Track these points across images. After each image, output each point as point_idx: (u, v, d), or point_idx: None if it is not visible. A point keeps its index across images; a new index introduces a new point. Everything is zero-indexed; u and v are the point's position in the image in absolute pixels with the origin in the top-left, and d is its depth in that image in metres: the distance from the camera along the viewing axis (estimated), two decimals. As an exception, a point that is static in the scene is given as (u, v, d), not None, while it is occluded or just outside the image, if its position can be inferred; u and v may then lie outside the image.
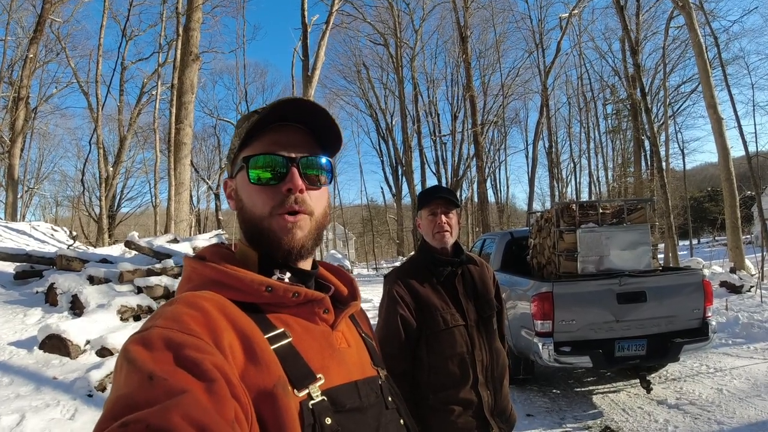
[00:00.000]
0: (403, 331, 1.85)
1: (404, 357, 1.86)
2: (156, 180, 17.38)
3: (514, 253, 6.12)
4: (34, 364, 4.92)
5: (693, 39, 12.86)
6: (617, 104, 29.17)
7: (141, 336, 0.61)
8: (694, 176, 42.64)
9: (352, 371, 0.77)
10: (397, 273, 2.00)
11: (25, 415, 3.88)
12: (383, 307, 1.94)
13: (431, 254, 1.98)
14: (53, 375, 4.70)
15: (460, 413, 1.84)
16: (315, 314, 0.78)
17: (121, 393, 0.53)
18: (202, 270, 0.76)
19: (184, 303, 0.67)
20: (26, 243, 10.54)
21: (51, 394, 4.35)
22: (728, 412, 4.28)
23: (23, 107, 17.46)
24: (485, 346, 1.92)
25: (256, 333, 0.68)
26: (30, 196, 29.11)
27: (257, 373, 0.64)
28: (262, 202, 0.78)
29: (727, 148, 12.23)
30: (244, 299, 0.73)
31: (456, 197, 1.97)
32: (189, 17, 11.95)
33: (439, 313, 1.88)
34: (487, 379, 1.90)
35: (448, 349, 1.86)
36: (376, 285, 16.65)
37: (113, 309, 5.72)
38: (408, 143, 27.32)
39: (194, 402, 0.52)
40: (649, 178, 22.17)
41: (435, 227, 1.93)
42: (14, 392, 4.31)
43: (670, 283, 4.71)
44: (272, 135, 0.80)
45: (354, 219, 50.20)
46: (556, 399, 5.01)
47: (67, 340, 5.03)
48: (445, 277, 1.96)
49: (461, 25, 21.92)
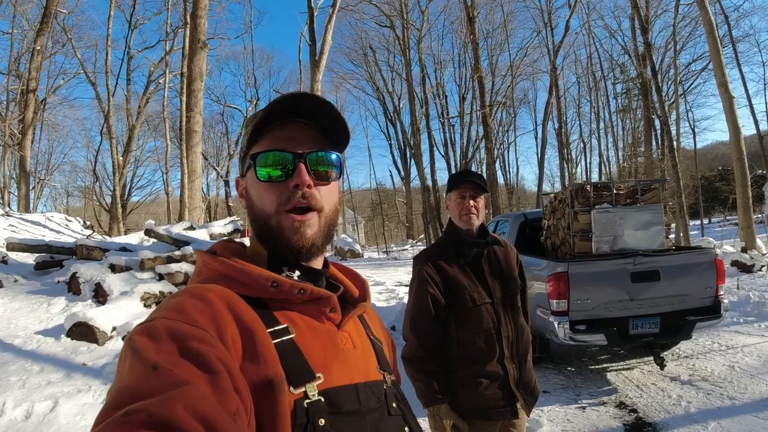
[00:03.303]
0: (433, 309, 1.94)
1: (435, 333, 1.96)
2: (167, 168, 17.51)
3: (527, 234, 6.17)
4: (62, 351, 5.06)
5: (703, 16, 12.67)
6: (627, 83, 28.84)
7: (146, 326, 0.61)
8: (704, 155, 42.23)
9: (354, 373, 0.76)
10: (426, 254, 2.09)
11: (58, 401, 3.99)
12: (413, 286, 2.03)
13: (458, 236, 2.06)
14: (82, 361, 4.83)
15: (488, 386, 1.94)
16: (321, 313, 0.78)
17: (125, 383, 0.54)
18: (211, 264, 0.77)
19: (190, 294, 0.68)
20: (42, 234, 10.68)
21: (82, 380, 4.47)
22: (740, 388, 4.35)
23: (32, 99, 17.57)
24: (510, 323, 2.00)
25: (258, 327, 0.68)
26: (41, 187, 29.36)
27: (255, 367, 0.64)
28: (270, 199, 0.78)
29: (738, 126, 12.11)
30: (251, 294, 0.73)
31: (484, 182, 2.04)
32: (196, 4, 11.89)
33: (467, 291, 1.96)
34: (512, 353, 1.99)
35: (476, 325, 1.95)
36: (387, 268, 16.75)
37: (136, 296, 5.86)
38: (416, 126, 27.16)
39: (198, 393, 0.52)
40: (659, 158, 21.98)
41: (462, 210, 2.01)
42: (45, 379, 4.41)
43: (683, 262, 4.75)
44: (279, 132, 0.79)
45: (363, 203, 50.26)
46: (571, 376, 5.11)
47: (95, 327, 5.17)
48: (472, 257, 2.04)
49: (468, 6, 21.60)
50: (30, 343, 5.19)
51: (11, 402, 3.93)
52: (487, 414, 1.94)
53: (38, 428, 3.69)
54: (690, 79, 27.08)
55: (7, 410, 3.83)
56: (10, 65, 20.91)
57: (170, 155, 17.44)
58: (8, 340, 5.22)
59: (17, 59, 21.40)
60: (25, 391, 4.15)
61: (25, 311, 6.07)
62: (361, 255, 24.30)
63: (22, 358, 4.83)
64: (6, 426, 3.67)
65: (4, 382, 4.28)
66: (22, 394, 4.09)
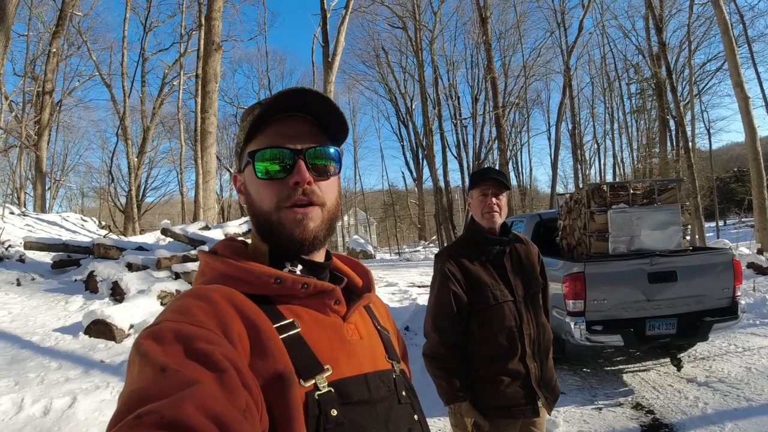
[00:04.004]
0: (455, 306, 1.95)
1: (456, 330, 1.96)
2: (182, 169, 17.66)
3: (542, 234, 6.15)
4: (80, 348, 5.09)
5: (718, 16, 12.52)
6: (641, 83, 28.53)
7: (152, 330, 0.62)
8: (720, 156, 41.58)
9: (362, 363, 0.76)
10: (447, 251, 2.09)
11: (77, 398, 4.00)
12: (435, 284, 2.03)
13: (480, 233, 2.06)
14: (100, 358, 4.86)
15: (509, 383, 1.94)
16: (326, 305, 0.78)
17: (135, 386, 0.54)
18: (214, 264, 0.78)
19: (194, 296, 0.68)
20: (58, 233, 10.80)
21: (100, 376, 4.49)
22: (757, 389, 4.31)
23: (48, 101, 17.82)
24: (532, 321, 2.00)
25: (264, 323, 0.69)
26: (56, 188, 29.69)
27: (264, 363, 0.65)
28: (270, 197, 0.77)
29: (754, 127, 11.96)
30: (255, 291, 0.74)
31: (507, 179, 2.04)
32: (210, 6, 12.01)
33: (489, 289, 1.97)
34: (534, 351, 1.99)
35: (498, 323, 1.95)
36: (399, 269, 16.77)
37: (153, 294, 5.91)
38: (428, 127, 27.09)
39: (207, 392, 0.52)
40: (674, 159, 21.76)
41: (485, 207, 2.01)
42: (64, 376, 4.44)
43: (700, 263, 4.70)
44: (277, 127, 0.79)
45: (375, 204, 50.24)
46: (587, 377, 5.08)
47: (112, 325, 5.22)
48: (494, 255, 2.04)
49: (481, 6, 21.60)
50: (48, 341, 5.23)
51: (30, 398, 3.94)
52: (508, 412, 1.94)
53: (56, 424, 3.70)
54: (705, 80, 26.75)
55: (26, 406, 3.84)
56: (26, 67, 21.22)
57: (185, 156, 17.58)
58: (26, 337, 5.26)
59: (33, 61, 21.74)
60: (43, 388, 4.17)
61: (42, 309, 6.13)
62: (373, 256, 24.35)
63: (41, 355, 4.86)
64: (25, 422, 3.68)
65: (23, 379, 4.29)
66: (41, 391, 4.11)
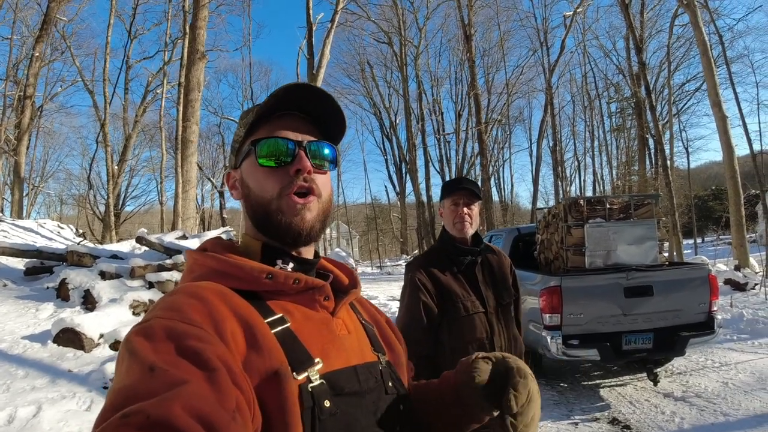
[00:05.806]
0: (426, 317, 1.91)
1: (427, 341, 1.92)
2: (162, 178, 17.43)
3: (521, 249, 6.17)
4: (48, 357, 4.98)
5: (698, 37, 12.87)
6: (621, 102, 29.11)
7: (142, 327, 0.61)
8: (698, 175, 42.52)
9: (351, 356, 0.77)
10: (419, 261, 2.06)
11: (42, 407, 3.91)
12: (405, 294, 1.99)
13: (452, 243, 2.03)
14: (68, 368, 4.75)
15: (479, 396, 1.90)
16: (315, 301, 0.79)
17: (122, 384, 0.54)
18: (203, 261, 0.77)
19: (185, 293, 0.68)
20: (33, 240, 10.57)
21: (67, 386, 4.39)
22: (734, 404, 4.33)
23: (29, 106, 17.54)
24: (504, 332, 1.98)
25: (256, 319, 0.69)
26: (35, 194, 29.16)
27: (259, 359, 0.65)
28: (271, 184, 0.78)
29: (731, 146, 12.24)
30: (245, 287, 0.73)
31: (479, 189, 2.02)
32: (195, 15, 11.99)
33: (460, 300, 1.94)
34: (505, 364, 1.96)
35: (468, 334, 1.92)
36: (381, 283, 16.74)
37: (125, 303, 5.79)
38: (412, 141, 27.32)
39: (195, 392, 0.52)
40: (653, 176, 22.15)
41: (456, 217, 1.99)
42: (30, 385, 4.35)
43: (676, 277, 4.74)
44: (278, 122, 0.82)
45: (358, 217, 50.27)
46: (563, 392, 5.07)
47: (82, 334, 5.10)
48: (466, 265, 2.01)
49: (465, 24, 21.92)
50: (16, 348, 5.12)
51: (-6, 406, 3.85)
52: None
53: (20, 433, 3.61)
54: (684, 99, 27.45)
55: (-10, 414, 3.75)
56: (8, 71, 20.86)
57: (165, 165, 17.33)
58: (-6, 344, 5.14)
59: (15, 65, 21.37)
60: (8, 396, 4.09)
61: (12, 316, 5.99)
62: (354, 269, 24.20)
63: (7, 363, 4.75)
64: (-12, 430, 3.60)
65: (-12, 386, 4.21)
66: (6, 399, 4.02)
